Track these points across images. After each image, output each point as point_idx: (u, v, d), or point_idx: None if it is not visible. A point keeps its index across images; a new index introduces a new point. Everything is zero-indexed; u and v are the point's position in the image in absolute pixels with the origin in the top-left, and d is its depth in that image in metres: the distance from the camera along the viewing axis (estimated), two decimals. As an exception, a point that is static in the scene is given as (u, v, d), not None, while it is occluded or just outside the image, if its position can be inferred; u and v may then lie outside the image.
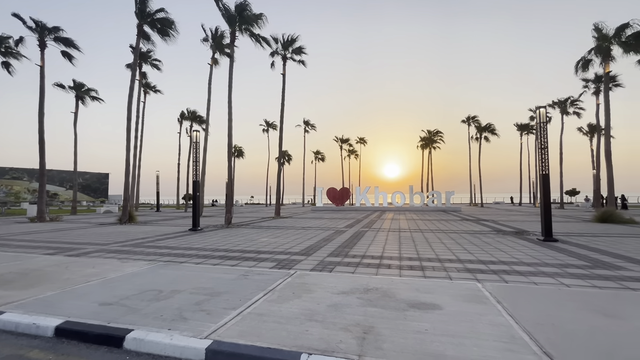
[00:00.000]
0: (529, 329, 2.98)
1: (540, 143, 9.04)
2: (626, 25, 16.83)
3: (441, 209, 27.58)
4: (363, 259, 6.45)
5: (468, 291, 4.14)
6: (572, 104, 31.75)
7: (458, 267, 5.65)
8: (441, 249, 7.55)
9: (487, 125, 40.75)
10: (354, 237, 10.02)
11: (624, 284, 4.53)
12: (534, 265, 5.80)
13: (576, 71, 19.61)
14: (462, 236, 9.96)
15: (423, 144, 48.11)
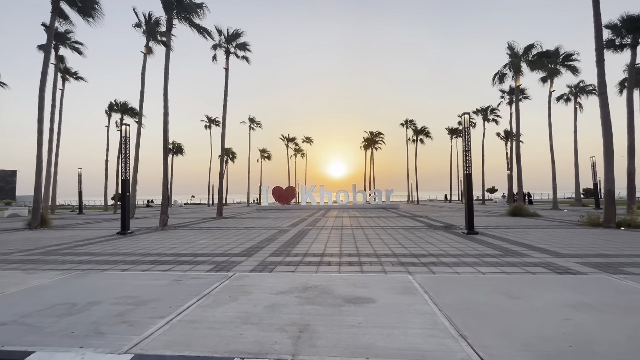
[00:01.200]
0: (449, 314, 3.27)
1: (465, 146, 10.05)
2: (532, 45, 19.57)
3: (381, 206, 29.11)
4: (305, 258, 6.49)
5: (400, 283, 4.41)
6: (492, 112, 35.96)
7: (393, 261, 6.01)
8: (379, 245, 7.95)
9: (423, 129, 44.12)
10: (298, 235, 10.04)
11: (526, 269, 5.25)
12: (458, 256, 6.42)
13: (493, 83, 22.22)
14: (398, 232, 10.62)
15: (366, 144, 50.30)
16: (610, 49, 17.38)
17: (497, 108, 35.68)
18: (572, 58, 22.13)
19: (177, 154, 47.22)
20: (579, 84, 27.83)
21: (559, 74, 22.74)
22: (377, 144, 49.82)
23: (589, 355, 2.46)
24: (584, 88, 27.53)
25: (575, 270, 5.15)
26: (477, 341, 2.69)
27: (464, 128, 10.04)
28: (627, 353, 2.49)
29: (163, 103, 15.07)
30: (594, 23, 12.08)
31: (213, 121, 45.18)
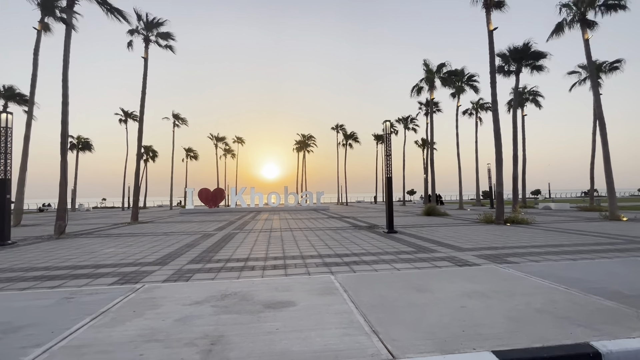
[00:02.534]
0: (365, 312, 3.42)
1: (386, 151, 10.81)
2: (443, 64, 22.17)
3: (312, 208, 29.63)
4: (227, 263, 6.17)
5: (322, 284, 4.48)
6: (411, 121, 39.64)
7: (317, 262, 6.10)
8: (306, 246, 8.02)
9: (352, 134, 46.39)
10: (223, 240, 9.55)
11: (434, 264, 5.84)
12: (377, 254, 6.83)
13: (411, 95, 24.53)
14: (326, 233, 10.88)
15: (298, 147, 50.75)
16: (500, 73, 20.65)
17: (415, 118, 39.54)
18: (473, 79, 25.75)
19: (83, 150, 40.99)
20: (479, 101, 32.51)
21: (464, 91, 26.23)
22: (309, 147, 50.70)
23: (476, 337, 2.80)
24: (483, 105, 32.25)
25: (472, 262, 5.91)
26: (388, 335, 2.85)
27: (386, 134, 10.80)
28: (505, 331, 2.90)
29: (62, 90, 12.90)
30: (489, 51, 14.21)
31: (130, 115, 40.45)
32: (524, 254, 6.66)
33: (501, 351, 2.54)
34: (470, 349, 2.61)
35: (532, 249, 7.17)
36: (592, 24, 15.72)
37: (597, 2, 15.34)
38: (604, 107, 15.81)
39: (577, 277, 4.68)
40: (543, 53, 20.19)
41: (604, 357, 2.55)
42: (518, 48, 20.19)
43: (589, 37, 15.61)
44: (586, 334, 2.83)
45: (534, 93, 28.34)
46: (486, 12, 14.33)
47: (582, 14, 15.64)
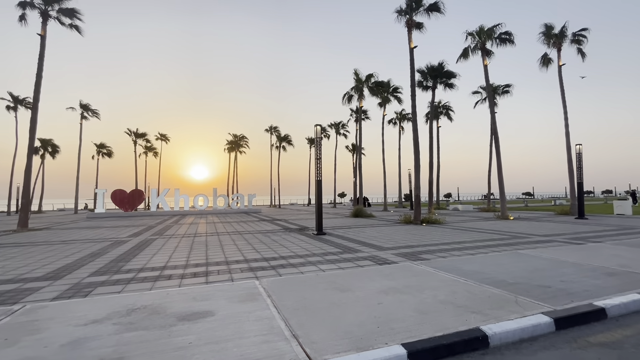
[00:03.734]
0: (287, 316, 3.38)
1: (317, 154, 11.03)
2: (371, 75, 23.67)
3: (243, 210, 28.68)
4: (139, 273, 5.54)
5: (245, 290, 4.31)
6: (342, 127, 41.34)
7: (243, 268, 5.87)
8: (232, 251, 7.67)
9: (286, 136, 46.31)
10: (137, 247, 8.57)
11: (357, 263, 6.11)
12: (305, 256, 6.89)
13: (343, 102, 25.62)
14: (255, 236, 10.60)
15: (230, 147, 48.66)
16: (420, 88, 22.90)
17: (346, 124, 41.36)
18: (398, 91, 28.05)
19: (-51, 141, 32.78)
20: (402, 112, 35.55)
21: (389, 101, 28.37)
22: (241, 148, 49.00)
23: (389, 331, 2.99)
24: (405, 115, 35.34)
25: (391, 260, 6.36)
26: (307, 339, 2.86)
27: (316, 138, 11.02)
28: (414, 324, 3.16)
29: None
30: (410, 67, 15.63)
31: (21, 101, 33.80)
32: (434, 250, 7.42)
33: (409, 343, 2.75)
34: (383, 344, 2.76)
35: (442, 246, 8.04)
36: (489, 53, 18.50)
37: (494, 35, 18.13)
38: (498, 123, 18.77)
39: (475, 269, 5.38)
40: (454, 73, 23.05)
41: (490, 338, 2.95)
42: (434, 67, 22.67)
43: (487, 64, 18.33)
44: (478, 320, 3.24)
45: (446, 107, 32.14)
46: (408, 30, 15.76)
47: (482, 43, 18.30)
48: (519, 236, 9.70)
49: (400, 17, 16.04)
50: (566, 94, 18.70)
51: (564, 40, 18.94)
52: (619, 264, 5.59)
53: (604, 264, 5.60)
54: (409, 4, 15.66)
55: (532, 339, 3.07)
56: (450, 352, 2.77)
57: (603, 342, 3.00)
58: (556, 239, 8.93)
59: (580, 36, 18.79)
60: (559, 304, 3.66)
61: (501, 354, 2.80)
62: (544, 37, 19.41)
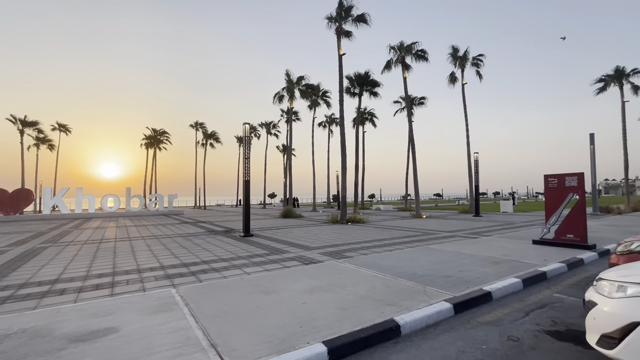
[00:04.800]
0: (205, 324, 3.17)
1: (245, 153, 10.69)
2: (302, 77, 24.01)
3: (163, 212, 26.23)
4: (20, 290, 4.60)
5: (158, 301, 3.92)
6: (274, 127, 40.96)
7: (158, 275, 5.34)
8: (146, 258, 6.93)
9: (213, 133, 43.85)
10: (20, 258, 7.12)
11: (284, 264, 6.09)
12: (230, 260, 6.60)
13: (274, 102, 25.42)
14: (174, 240, 9.76)
15: (148, 142, 43.99)
16: (348, 94, 24.05)
17: (277, 124, 41.10)
18: (327, 95, 28.98)
19: None
20: (331, 116, 36.86)
21: (319, 105, 29.12)
22: (162, 144, 44.68)
23: (311, 330, 3.04)
24: (334, 119, 36.71)
25: (317, 259, 6.50)
26: (227, 347, 2.72)
27: (245, 137, 10.68)
28: (336, 320, 3.27)
29: None
30: (339, 73, 16.29)
31: None
32: (358, 248, 7.84)
33: (329, 340, 2.83)
34: (305, 343, 2.79)
35: (364, 244, 8.54)
36: (408, 67, 20.43)
37: (412, 51, 20.09)
38: (415, 131, 20.82)
39: (392, 264, 5.84)
40: (378, 82, 24.80)
41: (402, 327, 3.22)
42: (361, 75, 24.07)
43: (406, 76, 20.21)
44: (392, 311, 3.51)
45: (371, 114, 34.41)
46: (337, 38, 16.41)
47: (402, 57, 20.11)
48: (429, 232, 10.88)
49: (330, 24, 16.60)
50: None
51: (466, 62, 21.96)
52: (503, 254, 6.68)
53: (492, 254, 6.63)
54: (338, 13, 16.32)
55: (436, 324, 3.45)
56: (367, 344, 2.94)
57: (489, 320, 3.53)
58: (458, 234, 10.27)
59: (479, 60, 22.04)
60: (458, 291, 4.20)
61: (410, 341, 3.08)
62: (451, 58, 22.22)
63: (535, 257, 6.30)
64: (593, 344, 2.46)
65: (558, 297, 4.27)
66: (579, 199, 7.40)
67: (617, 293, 2.40)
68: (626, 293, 2.35)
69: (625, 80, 24.44)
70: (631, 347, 2.16)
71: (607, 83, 24.92)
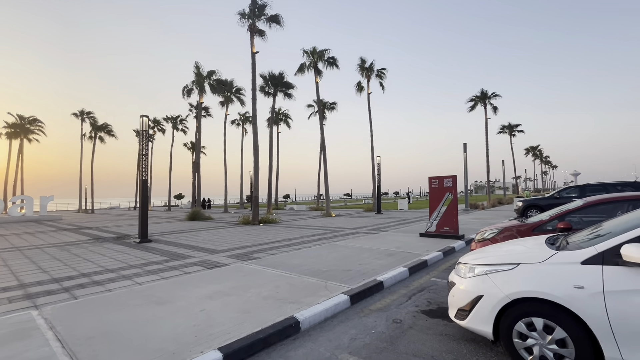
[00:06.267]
0: (75, 349, 2.71)
1: (142, 150, 9.53)
2: (213, 71, 22.72)
3: (33, 218, 21.39)
4: None
5: (12, 327, 3.18)
6: (181, 122, 37.62)
7: (12, 297, 4.32)
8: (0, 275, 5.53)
9: (104, 125, 37.80)
10: None
11: (184, 270, 5.64)
12: (118, 270, 5.78)
13: (183, 96, 23.41)
14: (45, 251, 8.06)
15: (11, 132, 35.21)
16: (262, 92, 23.74)
17: (185, 119, 37.84)
18: (241, 92, 28.07)
19: None
20: (245, 114, 35.84)
21: (232, 101, 27.99)
22: (31, 134, 36.32)
23: (207, 338, 2.88)
24: (248, 118, 35.77)
25: (222, 263, 6.22)
26: (102, 370, 2.37)
27: (142, 131, 9.52)
28: (235, 324, 3.18)
29: None
30: (252, 71, 15.94)
31: None
32: (267, 249, 7.79)
33: (225, 345, 2.73)
34: (198, 352, 2.63)
35: (274, 244, 8.54)
36: (320, 72, 21.32)
37: (324, 57, 21.03)
38: (327, 133, 21.84)
39: (298, 262, 5.99)
40: (292, 84, 25.15)
41: (301, 323, 3.32)
42: (275, 75, 24.03)
43: (318, 81, 21.05)
44: (293, 309, 3.60)
45: (286, 115, 34.73)
46: (250, 35, 16.03)
47: (315, 62, 20.88)
48: (337, 230, 11.54)
49: (243, 21, 16.12)
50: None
51: (371, 73, 24.08)
52: (396, 247, 7.54)
53: (387, 247, 7.42)
54: (252, 10, 15.97)
55: (334, 316, 3.68)
56: (266, 344, 2.94)
57: (379, 307, 3.93)
58: (361, 231, 11.17)
59: (382, 72, 24.42)
60: (355, 283, 4.56)
61: (309, 335, 3.21)
62: (359, 68, 24.06)
63: (420, 248, 7.29)
64: (452, 317, 2.97)
65: (434, 281, 5.03)
66: (453, 197, 8.87)
67: (469, 273, 2.95)
68: (474, 273, 2.90)
69: (488, 102, 30.44)
70: (477, 316, 2.68)
71: (476, 102, 30.63)
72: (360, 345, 2.95)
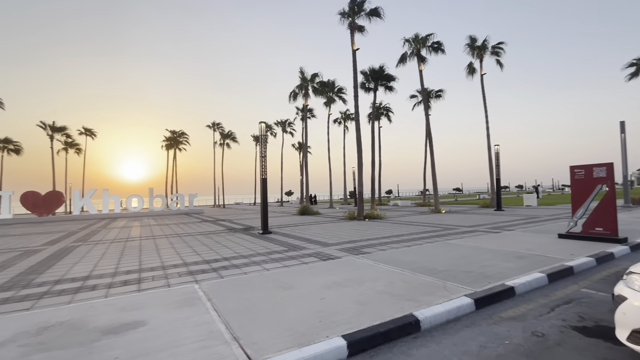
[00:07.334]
0: (227, 318, 3.27)
1: (262, 152, 10.82)
2: (316, 74, 23.98)
3: (184, 212, 26.99)
4: (56, 285, 4.88)
5: (183, 296, 4.07)
6: (289, 125, 41.19)
7: (181, 272, 5.53)
8: (169, 255, 7.17)
9: (230, 133, 44.62)
10: (54, 257, 7.54)
11: (302, 260, 6.16)
12: (249, 256, 6.73)
13: (289, 100, 25.54)
14: (196, 238, 10.04)
15: (168, 144, 45.32)
16: (362, 89, 23.83)
17: (293, 122, 41.31)
18: (342, 91, 28.84)
19: None
20: (346, 112, 36.68)
21: (334, 101, 29.05)
22: (181, 145, 45.93)
23: (330, 325, 3.07)
24: (349, 115, 36.52)
25: (335, 255, 6.53)
26: (249, 339, 2.80)
27: (261, 136, 10.81)
28: (354, 315, 3.29)
29: None
30: (353, 68, 16.16)
31: None
32: (375, 244, 7.81)
33: (349, 334, 2.86)
34: (324, 337, 2.83)
35: (382, 240, 8.49)
36: (424, 59, 20.02)
37: (427, 43, 19.66)
38: (432, 124, 20.42)
39: (410, 260, 5.79)
40: (393, 76, 24.46)
41: (422, 322, 3.20)
42: (376, 69, 23.79)
43: (422, 69, 19.81)
44: (411, 306, 3.50)
45: (387, 109, 33.99)
46: (350, 33, 16.27)
47: (417, 50, 19.72)
48: (449, 228, 10.68)
49: (343, 20, 16.48)
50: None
51: (485, 52, 21.27)
52: (526, 248, 6.48)
53: (515, 249, 6.45)
54: (351, 8, 16.16)
55: (457, 319, 3.41)
56: (387, 338, 2.95)
57: (512, 316, 3.45)
58: (479, 229, 10.03)
59: (498, 48, 21.29)
60: (479, 286, 4.13)
61: (431, 336, 3.06)
62: (469, 49, 21.57)
63: (561, 252, 6.08)
64: (623, 339, 2.37)
65: (586, 292, 4.12)
66: (609, 190, 7.06)
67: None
68: (659, 287, 2.24)
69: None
70: (665, 343, 2.07)
71: (639, 67, 23.50)
72: (493, 356, 2.65)
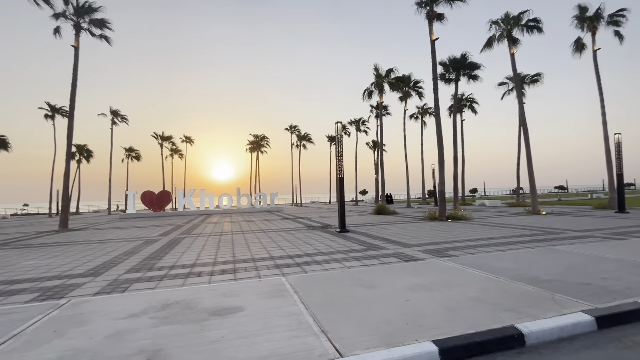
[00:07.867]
0: (314, 312, 3.41)
1: (338, 152, 11.00)
2: (391, 70, 23.28)
3: (266, 209, 29.14)
4: (171, 270, 5.77)
5: (272, 287, 4.39)
6: (363, 123, 40.99)
7: (269, 265, 5.97)
8: (257, 249, 7.83)
9: (306, 135, 46.60)
10: (167, 246, 8.93)
11: (382, 260, 6.06)
12: (329, 253, 6.91)
13: (363, 98, 25.39)
14: (278, 234, 10.75)
15: (251, 147, 49.59)
16: (442, 81, 22.26)
17: (367, 120, 41.02)
18: (419, 85, 27.43)
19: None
20: (424, 106, 34.75)
21: (410, 96, 27.81)
22: (262, 147, 49.82)
23: (418, 328, 2.95)
24: (427, 110, 34.53)
25: (417, 257, 6.25)
26: (336, 334, 2.87)
27: (337, 136, 11.00)
28: (444, 320, 3.10)
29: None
30: (431, 59, 15.22)
31: (57, 110, 35.98)
32: (462, 247, 7.22)
33: (440, 340, 2.70)
34: (413, 340, 2.73)
35: (469, 242, 7.80)
36: (516, 41, 17.69)
37: (521, 22, 17.31)
38: (527, 114, 17.93)
39: (505, 266, 5.19)
40: (477, 64, 22.23)
41: (526, 337, 2.83)
42: (457, 58, 21.97)
43: (514, 52, 17.54)
44: (511, 318, 3.13)
45: (470, 100, 31.08)
46: (428, 22, 15.35)
47: (508, 31, 17.52)
48: (552, 232, 9.24)
49: (420, 9, 15.65)
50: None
51: (599, 23, 17.77)
52: (667, 260, 5.20)
53: (650, 260, 5.23)
54: (429, -5, 15.24)
55: (572, 337, 2.93)
56: (484, 350, 2.70)
57: (651, 342, 2.81)
58: (594, 234, 8.44)
59: (618, 17, 17.56)
60: (601, 302, 3.46)
61: (539, 353, 2.69)
62: (577, 21, 18.30)
63: None
64: None
65: None
66: None
67: None
68: None
69: None
70: None
71: None
72: (627, 387, 2.19)
